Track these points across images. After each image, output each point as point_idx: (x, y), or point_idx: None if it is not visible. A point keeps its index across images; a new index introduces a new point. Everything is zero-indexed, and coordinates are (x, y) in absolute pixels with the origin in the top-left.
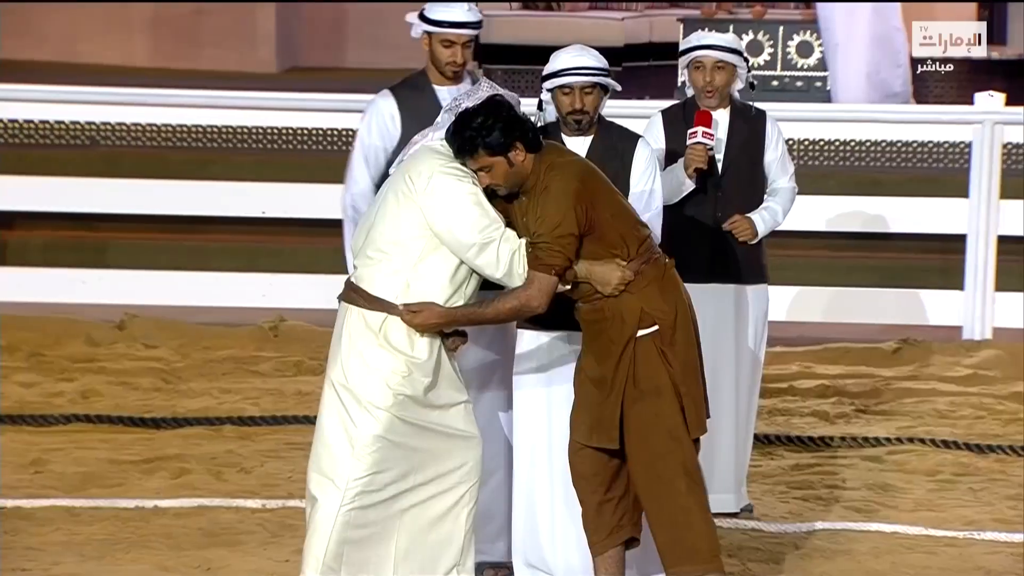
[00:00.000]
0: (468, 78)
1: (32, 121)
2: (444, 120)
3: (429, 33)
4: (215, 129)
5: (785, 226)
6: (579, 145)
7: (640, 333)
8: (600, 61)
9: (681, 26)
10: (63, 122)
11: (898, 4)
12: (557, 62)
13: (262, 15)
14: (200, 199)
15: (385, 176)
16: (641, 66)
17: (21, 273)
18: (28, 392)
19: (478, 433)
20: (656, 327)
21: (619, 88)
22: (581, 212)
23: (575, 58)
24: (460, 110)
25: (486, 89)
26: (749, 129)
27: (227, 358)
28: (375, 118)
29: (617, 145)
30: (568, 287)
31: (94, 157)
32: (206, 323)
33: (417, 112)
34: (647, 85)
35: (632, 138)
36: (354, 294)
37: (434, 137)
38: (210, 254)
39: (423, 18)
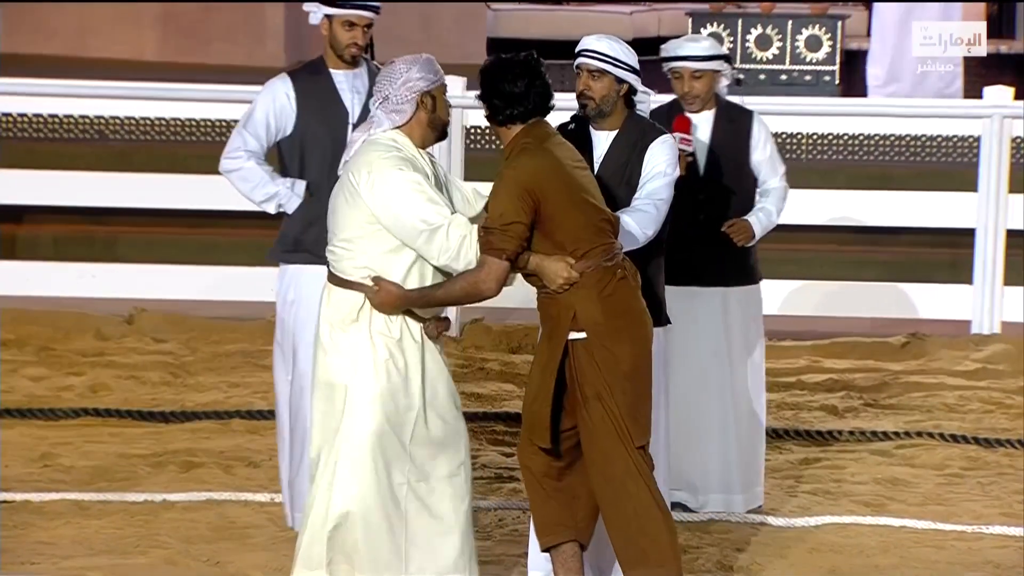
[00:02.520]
0: (364, 64)
1: (42, 115)
2: (379, 118)
3: (330, 17)
4: (224, 123)
5: (794, 220)
6: (604, 139)
7: (571, 336)
8: (616, 51)
9: (690, 20)
10: (72, 116)
11: (960, 4)
12: (579, 44)
13: (271, 10)
14: (209, 193)
15: (267, 150)
16: (649, 60)
17: (31, 267)
18: (37, 386)
19: (464, 423)
20: (584, 334)
21: (638, 86)
22: (527, 204)
23: (591, 41)
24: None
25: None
26: (735, 130)
27: (236, 352)
28: (269, 96)
29: (639, 141)
30: (518, 273)
31: (104, 151)
32: (215, 317)
33: (312, 93)
34: (655, 79)
35: (656, 131)
36: (333, 274)
37: (373, 132)
38: (219, 248)
39: (325, 1)
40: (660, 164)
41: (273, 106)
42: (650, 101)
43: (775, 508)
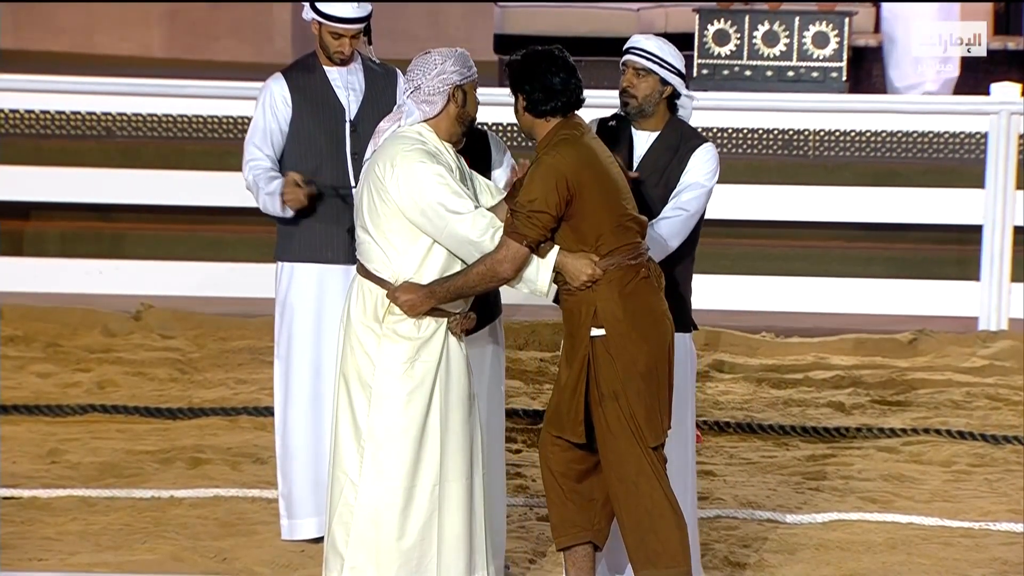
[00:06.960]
0: (358, 58)
1: (49, 112)
2: (409, 108)
3: (319, 21)
4: (231, 120)
5: (800, 216)
6: (644, 140)
7: (592, 333)
8: (665, 52)
9: (697, 17)
10: (80, 113)
11: (957, 4)
12: (628, 41)
13: (278, 6)
14: (216, 190)
15: (279, 154)
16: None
17: (38, 263)
18: (45, 382)
19: (480, 423)
20: (603, 331)
21: (682, 91)
22: (562, 195)
23: (640, 39)
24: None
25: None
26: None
27: (243, 348)
28: (268, 100)
29: (680, 145)
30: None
31: (111, 148)
32: (222, 313)
33: (307, 91)
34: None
35: (698, 138)
36: (361, 264)
37: (402, 122)
38: (226, 244)
39: (314, 8)
40: (699, 175)
41: (273, 112)
42: (691, 107)
43: (782, 505)
